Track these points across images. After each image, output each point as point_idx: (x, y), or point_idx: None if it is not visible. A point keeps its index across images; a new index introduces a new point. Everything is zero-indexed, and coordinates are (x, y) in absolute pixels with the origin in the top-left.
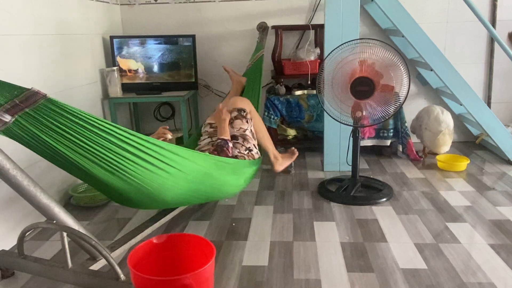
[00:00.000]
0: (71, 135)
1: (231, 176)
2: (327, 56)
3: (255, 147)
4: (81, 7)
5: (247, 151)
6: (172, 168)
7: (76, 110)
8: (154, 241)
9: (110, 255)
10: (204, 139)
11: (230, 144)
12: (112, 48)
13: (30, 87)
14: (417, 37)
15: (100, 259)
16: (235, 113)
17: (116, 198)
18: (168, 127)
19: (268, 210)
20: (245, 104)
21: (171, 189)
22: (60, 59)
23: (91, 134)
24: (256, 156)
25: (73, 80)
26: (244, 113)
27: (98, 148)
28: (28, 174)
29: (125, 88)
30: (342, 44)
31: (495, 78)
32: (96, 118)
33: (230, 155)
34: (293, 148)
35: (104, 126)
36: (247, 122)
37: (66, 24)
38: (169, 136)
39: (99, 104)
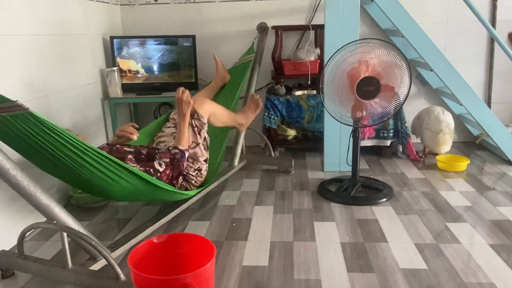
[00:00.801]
0: (42, 142)
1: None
2: (331, 57)
3: (205, 162)
4: (81, 7)
5: (196, 172)
6: (121, 179)
7: (53, 126)
8: (155, 240)
9: (110, 255)
10: (169, 127)
11: (187, 154)
12: (112, 49)
13: (15, 100)
14: (417, 37)
15: (100, 259)
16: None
17: (77, 187)
18: (138, 126)
19: (268, 210)
20: (205, 107)
21: (117, 190)
22: (60, 59)
23: (61, 146)
24: (205, 174)
25: (73, 80)
26: (197, 129)
27: (62, 155)
28: (28, 174)
29: (125, 88)
30: (346, 44)
31: (495, 78)
32: (70, 136)
33: (183, 168)
34: (258, 97)
35: (75, 142)
36: (199, 134)
37: (66, 24)
38: (135, 137)
39: (99, 104)
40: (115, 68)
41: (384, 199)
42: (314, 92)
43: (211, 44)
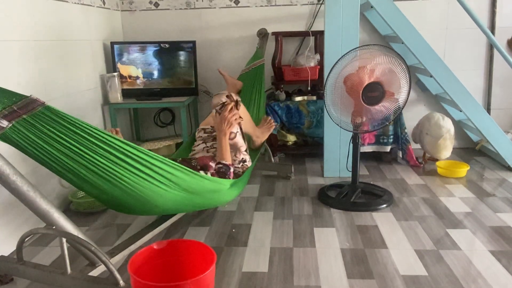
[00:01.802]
0: (68, 142)
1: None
2: (335, 64)
3: (247, 153)
4: (82, 13)
5: (241, 164)
6: (165, 179)
7: (74, 119)
8: (155, 247)
9: (110, 261)
10: (198, 145)
11: (232, 169)
12: (112, 54)
13: (29, 95)
14: (417, 44)
15: (100, 265)
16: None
17: (109, 203)
18: (119, 129)
19: (268, 216)
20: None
21: (163, 196)
22: (61, 64)
23: (88, 143)
24: (249, 164)
25: (73, 85)
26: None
27: (93, 155)
28: (28, 180)
29: (125, 93)
30: (349, 51)
31: (494, 84)
32: (93, 128)
33: (231, 178)
34: (269, 119)
35: (101, 136)
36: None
37: (67, 30)
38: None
39: (99, 110)
40: (115, 74)
41: (384, 205)
42: (314, 98)
43: (212, 50)
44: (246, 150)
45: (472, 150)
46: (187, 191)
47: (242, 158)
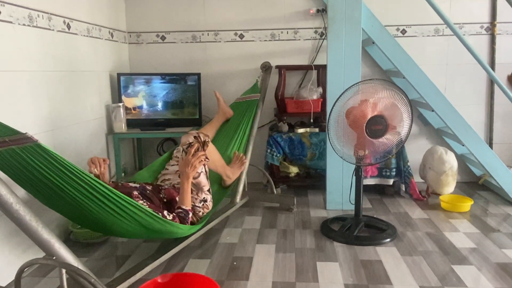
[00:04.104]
0: (50, 175)
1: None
2: (338, 98)
3: (209, 193)
4: (91, 45)
5: (202, 203)
6: (128, 215)
7: (62, 159)
8: (159, 280)
9: None
10: (173, 165)
11: (190, 215)
12: (119, 85)
13: (25, 132)
14: (418, 79)
15: None
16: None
17: (75, 221)
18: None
19: (270, 249)
20: (209, 148)
21: (123, 227)
22: (68, 94)
23: (69, 180)
24: (210, 205)
25: (79, 115)
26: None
27: (72, 190)
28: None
29: (130, 123)
30: (352, 85)
31: (496, 119)
32: (77, 168)
33: (189, 224)
34: (242, 155)
35: (81, 175)
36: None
37: (76, 61)
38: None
39: (103, 139)
40: (120, 104)
41: (388, 240)
42: (317, 130)
43: (216, 82)
44: (208, 190)
45: (476, 184)
46: (146, 228)
47: (204, 198)
